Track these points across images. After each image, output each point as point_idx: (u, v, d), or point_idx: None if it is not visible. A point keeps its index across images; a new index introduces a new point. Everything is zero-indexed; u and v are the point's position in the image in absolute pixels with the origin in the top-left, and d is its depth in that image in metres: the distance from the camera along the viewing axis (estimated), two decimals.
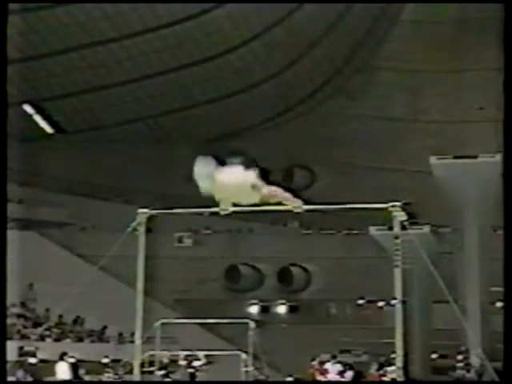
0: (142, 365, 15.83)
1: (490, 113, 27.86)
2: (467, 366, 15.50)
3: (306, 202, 8.21)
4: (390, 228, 7.92)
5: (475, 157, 25.48)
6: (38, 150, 27.72)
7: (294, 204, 7.05)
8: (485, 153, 25.49)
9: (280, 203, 7.09)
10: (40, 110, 28.06)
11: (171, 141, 30.65)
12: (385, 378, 17.61)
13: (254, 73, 27.67)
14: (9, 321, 20.89)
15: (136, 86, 27.14)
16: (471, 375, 14.91)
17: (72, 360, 17.62)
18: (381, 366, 18.33)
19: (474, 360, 17.77)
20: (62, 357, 17.43)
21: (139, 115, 29.27)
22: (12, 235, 8.77)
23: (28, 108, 27.32)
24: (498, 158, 24.73)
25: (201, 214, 23.97)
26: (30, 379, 16.56)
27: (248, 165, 6.85)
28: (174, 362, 20.48)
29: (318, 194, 29.57)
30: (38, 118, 28.27)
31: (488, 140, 27.04)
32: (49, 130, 29.23)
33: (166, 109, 29.12)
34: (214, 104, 28.82)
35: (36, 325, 25.14)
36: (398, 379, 7.43)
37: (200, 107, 28.99)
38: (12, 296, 18.57)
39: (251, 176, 6.78)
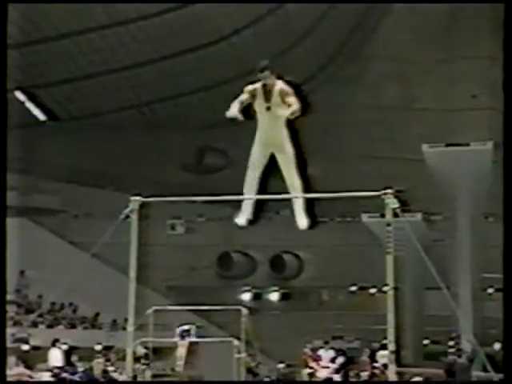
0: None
1: (482, 101, 27.90)
2: (459, 352, 15.64)
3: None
4: (383, 215, 7.96)
5: (467, 145, 25.57)
6: (31, 137, 27.62)
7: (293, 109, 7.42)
8: (477, 141, 25.58)
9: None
10: (32, 97, 27.94)
11: (165, 128, 30.58)
12: (376, 364, 17.74)
13: (247, 61, 27.59)
14: None
15: (130, 74, 27.04)
16: (463, 360, 15.05)
17: (64, 346, 17.70)
18: (373, 353, 18.45)
19: (466, 345, 17.93)
20: (54, 343, 17.52)
21: (133, 102, 29.18)
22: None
23: (20, 95, 27.19)
24: (490, 145, 24.84)
25: (194, 201, 23.99)
26: (22, 366, 16.60)
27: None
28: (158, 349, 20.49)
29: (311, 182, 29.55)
30: (30, 105, 28.15)
31: (480, 128, 27.12)
32: (42, 117, 29.12)
33: (160, 96, 29.04)
34: (208, 91, 28.75)
35: (28, 311, 25.21)
36: (390, 365, 7.49)
37: (194, 95, 28.92)
38: None
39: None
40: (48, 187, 31.13)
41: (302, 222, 8.04)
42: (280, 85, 7.63)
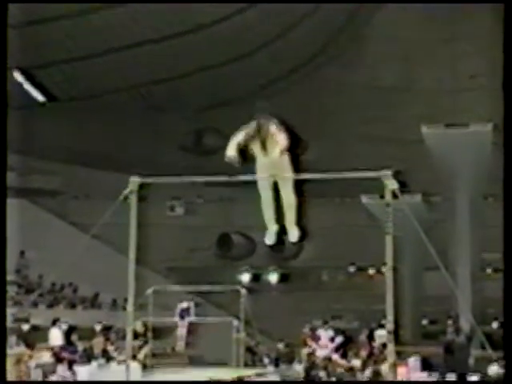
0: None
1: (482, 81, 27.79)
2: (457, 331, 15.78)
3: (299, 171, 8.32)
4: (382, 196, 7.99)
5: (467, 125, 25.52)
6: (30, 118, 27.57)
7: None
8: (476, 121, 25.53)
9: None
10: (30, 78, 27.83)
11: (164, 109, 30.51)
12: (374, 343, 17.89)
13: (246, 42, 27.47)
14: None
15: (129, 54, 26.91)
16: (461, 339, 15.19)
17: (65, 326, 17.80)
18: (371, 332, 18.59)
19: (464, 325, 18.07)
20: (54, 323, 17.64)
21: (132, 84, 29.08)
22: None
23: (18, 76, 27.06)
24: (490, 126, 24.81)
25: (193, 183, 24.01)
26: (22, 345, 16.72)
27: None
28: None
29: (310, 163, 29.57)
30: (28, 86, 28.04)
31: (479, 109, 27.06)
32: (40, 97, 29.03)
33: (159, 77, 28.92)
34: (206, 72, 28.64)
35: (29, 291, 25.34)
36: (389, 344, 7.56)
37: (193, 76, 28.80)
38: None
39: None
40: (47, 168, 31.12)
41: (293, 234, 8.39)
42: (274, 126, 7.88)
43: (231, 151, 7.85)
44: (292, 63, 29.63)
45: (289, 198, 8.27)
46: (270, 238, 8.52)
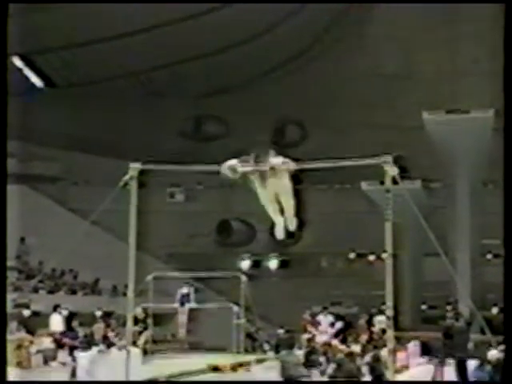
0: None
1: (483, 68, 27.69)
2: (456, 316, 15.84)
3: (299, 159, 8.34)
4: (382, 182, 7.99)
5: (467, 112, 25.46)
6: (29, 104, 27.50)
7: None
8: (477, 108, 25.47)
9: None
10: (30, 63, 27.76)
11: (163, 96, 30.42)
12: (373, 328, 17.94)
13: (244, 29, 27.35)
14: None
15: (127, 41, 26.82)
16: (460, 324, 15.23)
17: (65, 312, 17.86)
18: (371, 318, 18.63)
19: (464, 310, 18.13)
20: (55, 309, 17.70)
21: (131, 70, 28.99)
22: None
23: (17, 61, 26.99)
24: (491, 113, 24.75)
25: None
26: (23, 331, 16.78)
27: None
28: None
29: (310, 151, 29.54)
30: (28, 72, 27.98)
31: (481, 95, 26.98)
32: (39, 83, 28.97)
33: (159, 63, 28.83)
34: (205, 60, 28.54)
35: (29, 277, 25.41)
36: (388, 329, 7.58)
37: (192, 62, 28.70)
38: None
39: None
40: (47, 154, 31.10)
41: (292, 224, 8.56)
42: (273, 156, 8.09)
43: (231, 163, 8.08)
44: (290, 52, 29.52)
45: (288, 203, 8.43)
46: (279, 233, 8.61)
